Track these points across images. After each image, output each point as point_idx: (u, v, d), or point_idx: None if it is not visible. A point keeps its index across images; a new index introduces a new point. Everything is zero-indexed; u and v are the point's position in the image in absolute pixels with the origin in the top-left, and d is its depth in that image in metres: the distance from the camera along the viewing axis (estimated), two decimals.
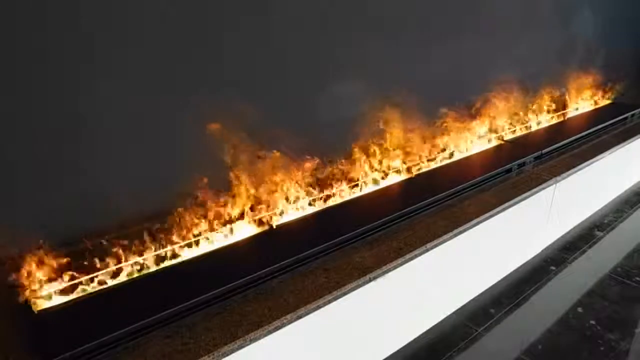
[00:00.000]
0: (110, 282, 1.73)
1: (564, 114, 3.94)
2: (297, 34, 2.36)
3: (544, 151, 3.07)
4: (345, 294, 1.80)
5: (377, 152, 2.66)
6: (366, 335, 2.06)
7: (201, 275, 1.79)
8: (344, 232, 2.03)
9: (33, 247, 1.67)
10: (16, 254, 1.65)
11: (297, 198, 2.27)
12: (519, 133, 3.47)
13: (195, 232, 1.98)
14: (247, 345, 1.54)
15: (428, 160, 2.83)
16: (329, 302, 1.75)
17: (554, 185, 2.83)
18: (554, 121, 3.81)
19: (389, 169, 2.66)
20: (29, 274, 1.65)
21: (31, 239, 1.66)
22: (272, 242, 2.03)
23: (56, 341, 1.44)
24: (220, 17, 2.05)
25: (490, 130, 3.29)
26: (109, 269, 1.75)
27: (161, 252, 1.86)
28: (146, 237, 1.87)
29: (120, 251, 1.79)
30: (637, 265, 2.97)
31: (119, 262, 1.77)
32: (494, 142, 3.23)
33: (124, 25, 1.81)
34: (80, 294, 1.67)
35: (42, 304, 1.62)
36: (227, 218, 2.08)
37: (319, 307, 1.72)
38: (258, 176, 2.19)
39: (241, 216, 2.11)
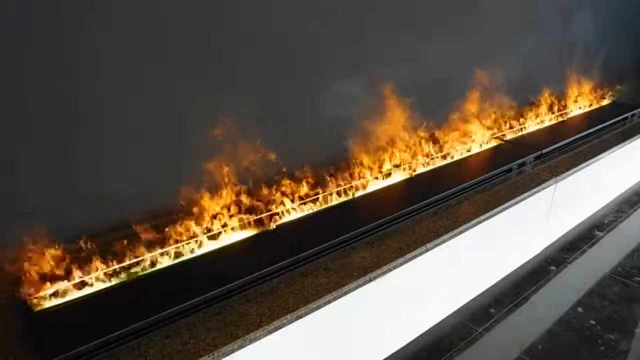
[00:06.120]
0: (110, 282, 1.73)
1: (564, 114, 3.93)
2: None
3: (544, 151, 3.07)
4: (345, 294, 1.80)
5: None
6: (366, 335, 2.06)
7: (201, 275, 1.79)
8: (344, 232, 2.03)
9: (31, 247, 1.67)
10: (15, 254, 1.65)
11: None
12: (519, 133, 3.47)
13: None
14: (247, 345, 1.54)
15: (428, 159, 2.83)
16: (329, 302, 1.75)
17: (554, 185, 2.83)
18: (554, 121, 3.80)
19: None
20: (29, 273, 1.65)
21: (30, 239, 1.66)
22: (272, 242, 2.03)
23: (56, 341, 1.44)
24: None
25: (490, 130, 3.29)
26: (109, 269, 1.75)
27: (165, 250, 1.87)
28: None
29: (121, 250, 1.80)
30: (637, 265, 2.97)
31: (120, 261, 1.77)
32: (494, 142, 3.23)
33: None
34: (81, 294, 1.67)
35: (42, 304, 1.62)
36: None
37: (319, 307, 1.72)
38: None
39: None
